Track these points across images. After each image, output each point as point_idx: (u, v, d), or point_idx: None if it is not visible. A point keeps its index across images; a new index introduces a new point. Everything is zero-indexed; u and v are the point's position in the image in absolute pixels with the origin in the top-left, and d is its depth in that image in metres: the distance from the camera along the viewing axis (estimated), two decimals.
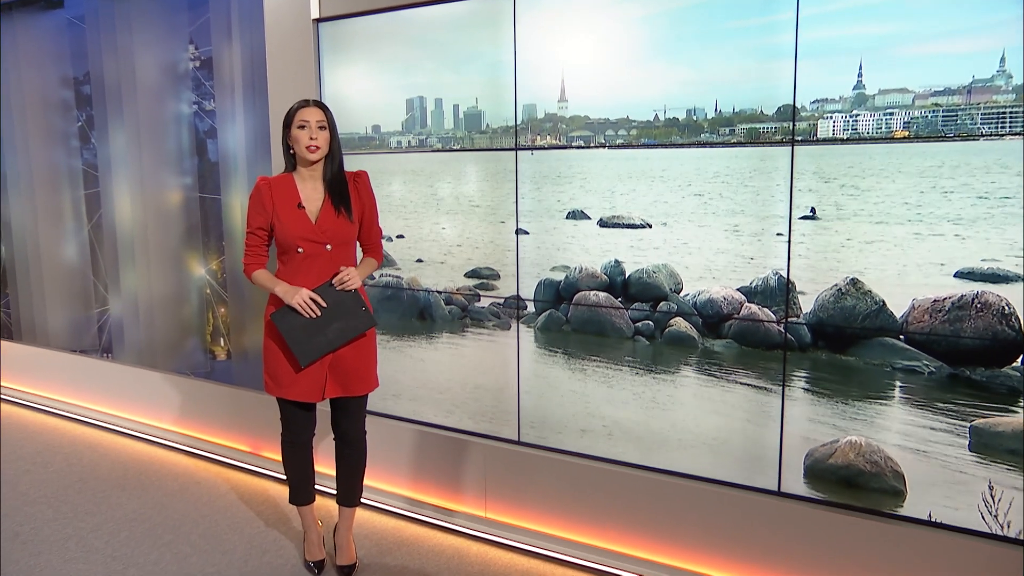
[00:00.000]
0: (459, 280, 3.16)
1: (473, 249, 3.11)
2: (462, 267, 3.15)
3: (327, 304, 2.54)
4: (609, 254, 2.79)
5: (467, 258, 3.13)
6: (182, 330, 4.43)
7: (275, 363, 2.63)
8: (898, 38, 2.24)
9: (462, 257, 3.14)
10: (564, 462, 2.96)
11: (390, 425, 3.38)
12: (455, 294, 3.17)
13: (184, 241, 4.33)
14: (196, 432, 4.20)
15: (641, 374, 2.78)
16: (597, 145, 2.81)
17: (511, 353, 3.06)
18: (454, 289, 3.17)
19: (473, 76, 3.00)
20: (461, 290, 3.15)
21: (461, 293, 3.15)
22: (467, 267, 3.13)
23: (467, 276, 3.14)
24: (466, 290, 3.14)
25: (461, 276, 3.15)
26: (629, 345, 2.80)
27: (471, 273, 3.13)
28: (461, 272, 3.15)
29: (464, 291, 3.14)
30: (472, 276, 3.12)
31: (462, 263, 3.14)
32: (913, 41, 2.23)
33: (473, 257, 3.11)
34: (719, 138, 2.58)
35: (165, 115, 4.28)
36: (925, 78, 2.24)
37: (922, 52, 2.22)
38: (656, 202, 2.70)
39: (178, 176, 4.31)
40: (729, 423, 2.64)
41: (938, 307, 2.27)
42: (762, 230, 2.51)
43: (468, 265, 3.13)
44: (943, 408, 2.29)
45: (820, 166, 2.41)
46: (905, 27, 2.23)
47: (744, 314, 2.57)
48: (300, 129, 2.53)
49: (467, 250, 3.13)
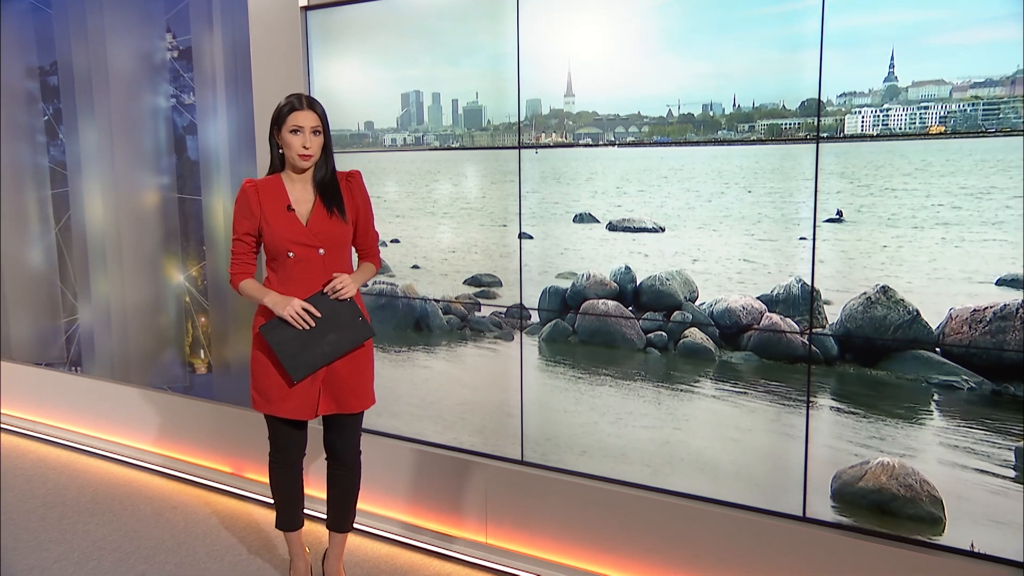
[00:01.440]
0: (458, 288, 3.21)
1: (473, 254, 3.16)
2: (461, 274, 3.19)
3: (321, 314, 2.58)
4: (619, 260, 2.82)
5: (467, 264, 3.18)
6: (158, 341, 4.47)
7: (264, 377, 2.66)
8: (934, 25, 2.23)
9: (461, 263, 3.19)
10: (570, 483, 3.00)
11: (386, 444, 3.42)
12: (454, 303, 3.21)
13: (161, 245, 4.38)
14: (173, 452, 4.24)
15: (653, 388, 2.81)
16: (606, 143, 2.84)
17: (514, 366, 3.11)
18: (453, 297, 3.22)
19: (473, 69, 3.04)
20: (460, 298, 3.20)
21: (460, 302, 3.20)
22: (467, 274, 3.18)
23: (467, 283, 3.19)
24: (466, 298, 3.19)
25: (460, 283, 3.20)
26: (640, 357, 2.82)
27: (471, 280, 3.17)
28: (460, 279, 3.20)
29: (464, 300, 3.19)
30: (472, 284, 3.17)
31: (461, 269, 3.19)
32: (951, 28, 2.21)
33: (473, 263, 3.16)
34: (737, 135, 2.60)
35: (140, 109, 4.33)
36: (964, 68, 2.23)
37: (961, 40, 2.20)
38: (669, 204, 2.72)
39: (154, 175, 4.36)
40: (749, 442, 2.66)
41: (978, 317, 2.27)
42: (784, 234, 2.53)
43: (468, 272, 3.18)
44: (985, 427, 2.30)
45: (847, 165, 2.43)
46: (942, 13, 2.22)
47: (765, 324, 2.59)
48: (293, 134, 2.56)
49: (467, 255, 3.18)
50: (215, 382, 4.28)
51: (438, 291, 3.26)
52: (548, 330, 3.02)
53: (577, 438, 3.00)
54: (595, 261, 2.87)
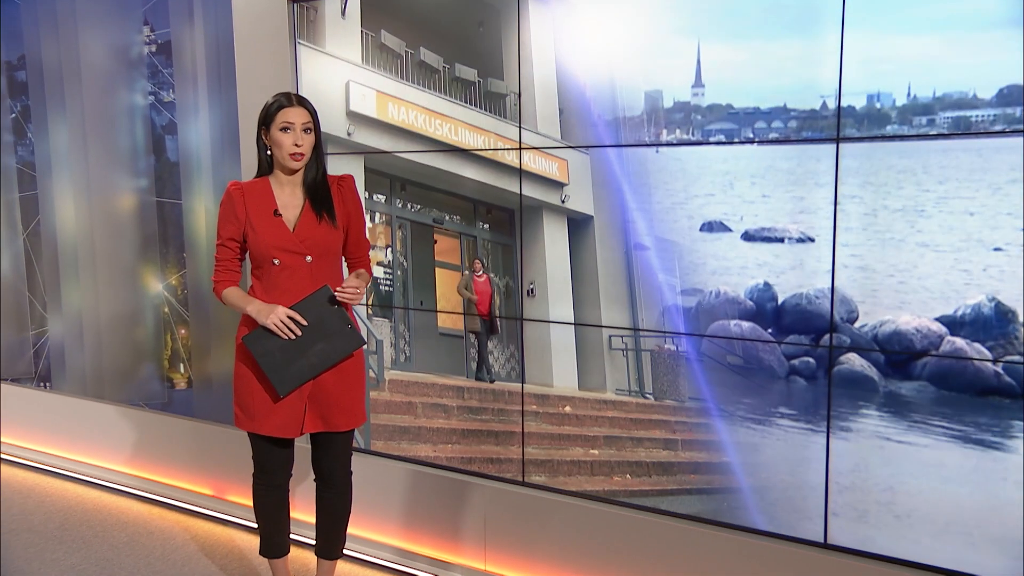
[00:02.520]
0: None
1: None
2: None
3: (308, 322, 2.60)
4: (756, 275, 2.68)
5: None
6: (135, 355, 4.49)
7: (247, 392, 2.68)
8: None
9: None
10: (575, 506, 3.02)
11: (378, 464, 3.44)
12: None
13: (138, 252, 4.40)
14: (150, 473, 4.26)
15: (798, 424, 2.66)
16: (743, 140, 2.66)
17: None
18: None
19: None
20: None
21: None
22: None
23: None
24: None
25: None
26: (782, 387, 2.68)
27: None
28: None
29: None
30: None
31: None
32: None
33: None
34: (912, 130, 2.38)
35: (115, 107, 4.36)
36: None
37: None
38: (821, 209, 2.54)
39: (131, 177, 4.38)
40: (930, 487, 2.48)
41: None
42: (971, 243, 2.32)
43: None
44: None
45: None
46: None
47: (946, 349, 2.41)
48: (283, 132, 2.58)
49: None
50: (196, 398, 4.29)
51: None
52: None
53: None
54: (727, 276, 2.72)
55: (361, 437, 3.58)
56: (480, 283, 3.35)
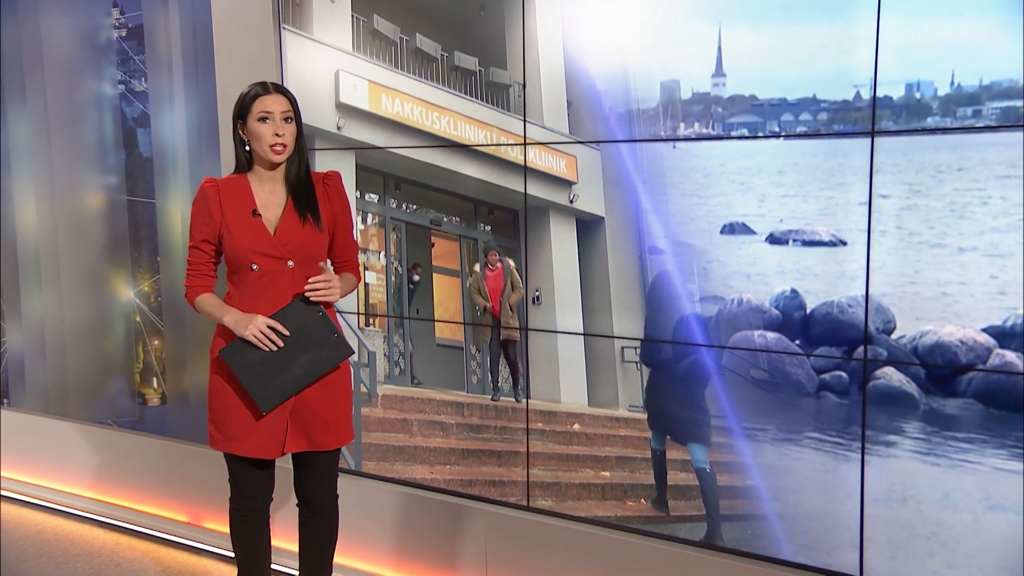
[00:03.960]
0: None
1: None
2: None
3: (290, 332, 2.61)
4: (782, 281, 2.68)
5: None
6: (103, 368, 4.49)
7: (223, 410, 2.69)
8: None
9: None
10: (585, 533, 3.03)
11: (367, 486, 3.45)
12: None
13: (107, 256, 4.41)
14: (118, 498, 4.25)
15: (829, 445, 2.65)
16: (768, 135, 2.66)
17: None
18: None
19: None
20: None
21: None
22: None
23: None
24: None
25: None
26: (811, 403, 2.68)
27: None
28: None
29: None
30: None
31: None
32: None
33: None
34: (956, 122, 2.36)
35: (82, 97, 4.38)
36: None
37: None
38: (854, 210, 2.54)
39: (99, 174, 4.40)
40: (977, 515, 2.44)
41: None
42: (1021, 247, 2.32)
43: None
44: None
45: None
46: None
47: (994, 363, 2.39)
48: (262, 123, 2.58)
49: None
50: (170, 416, 4.30)
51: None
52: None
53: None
54: (750, 282, 2.72)
55: (351, 457, 3.59)
56: (492, 276, 3.31)
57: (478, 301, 3.34)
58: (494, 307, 3.30)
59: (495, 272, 3.30)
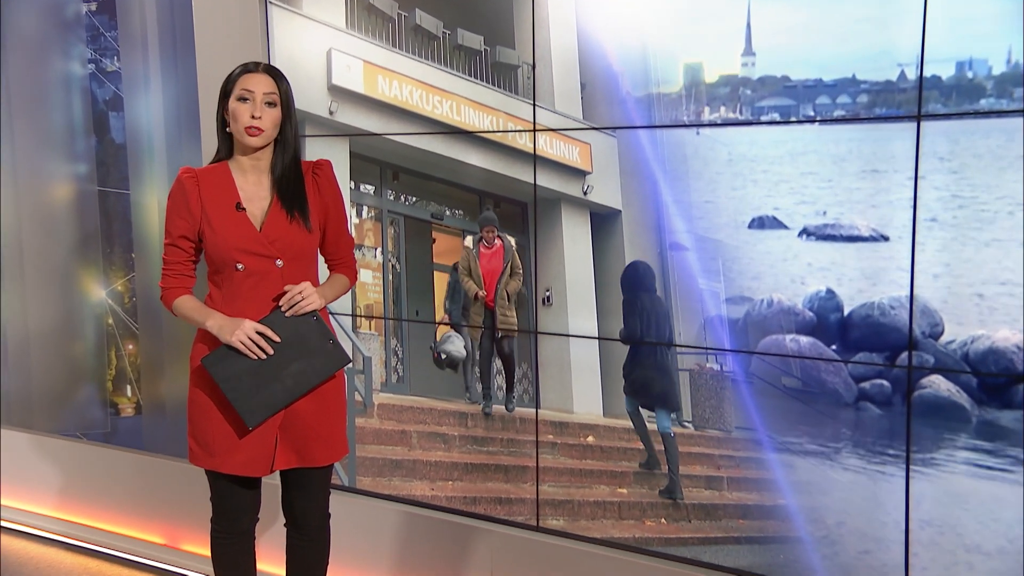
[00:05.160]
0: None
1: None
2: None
3: (281, 339, 2.59)
4: (817, 280, 2.67)
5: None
6: (71, 375, 4.49)
7: (205, 423, 2.68)
8: None
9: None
10: (601, 556, 3.03)
11: (364, 505, 3.45)
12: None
13: (76, 253, 4.41)
14: (87, 518, 4.25)
15: (870, 461, 2.65)
16: (802, 119, 2.66)
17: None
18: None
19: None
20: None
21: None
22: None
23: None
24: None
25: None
26: (849, 415, 2.68)
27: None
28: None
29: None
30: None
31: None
32: None
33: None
34: (1012, 104, 2.33)
35: (47, 78, 4.37)
36: None
37: None
38: (897, 202, 2.52)
39: (67, 162, 4.39)
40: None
41: None
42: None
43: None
44: None
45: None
46: None
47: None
48: (241, 102, 2.57)
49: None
50: (145, 427, 4.30)
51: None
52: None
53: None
54: (781, 281, 2.73)
55: (344, 473, 3.59)
56: (488, 255, 3.25)
57: (468, 287, 3.30)
58: (488, 295, 3.26)
59: (492, 250, 3.25)
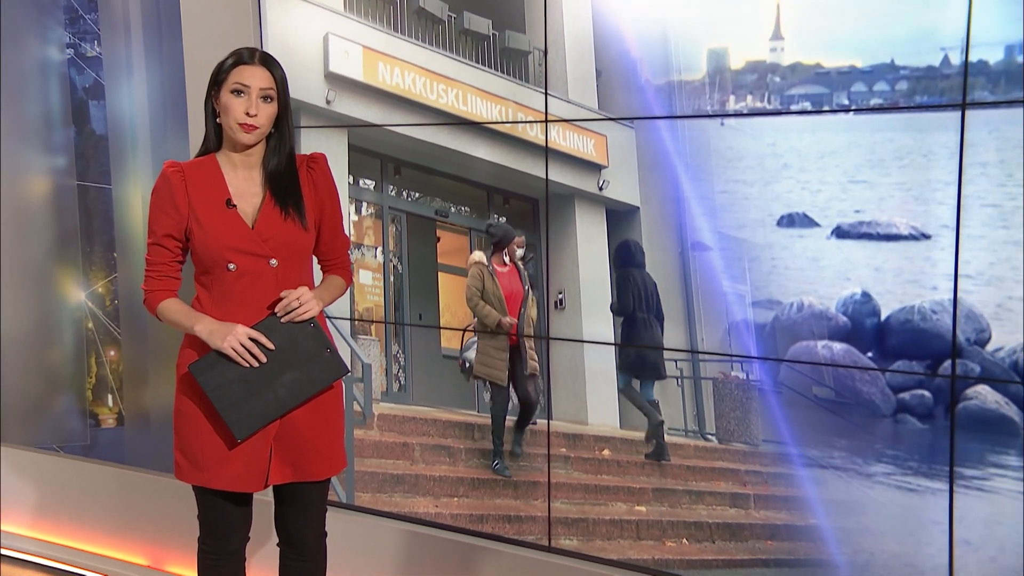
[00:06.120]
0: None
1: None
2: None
3: (275, 345, 2.59)
4: (852, 282, 2.68)
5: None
6: (47, 383, 4.50)
7: (193, 436, 2.67)
8: None
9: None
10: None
11: (363, 523, 3.46)
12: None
13: (54, 252, 4.42)
14: (65, 538, 4.25)
15: (910, 478, 2.64)
16: (836, 108, 2.66)
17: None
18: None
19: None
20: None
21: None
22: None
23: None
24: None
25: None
26: (887, 428, 2.68)
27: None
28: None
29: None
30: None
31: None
32: None
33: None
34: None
35: (21, 64, 4.37)
36: None
37: None
38: (939, 197, 2.51)
39: (44, 155, 4.40)
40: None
41: None
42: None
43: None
44: None
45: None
46: None
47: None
48: (235, 95, 2.56)
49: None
50: (127, 439, 4.32)
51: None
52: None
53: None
54: (812, 284, 2.74)
55: (342, 488, 3.59)
56: (506, 275, 3.23)
57: (487, 314, 3.30)
58: (513, 325, 3.27)
59: (506, 268, 3.27)
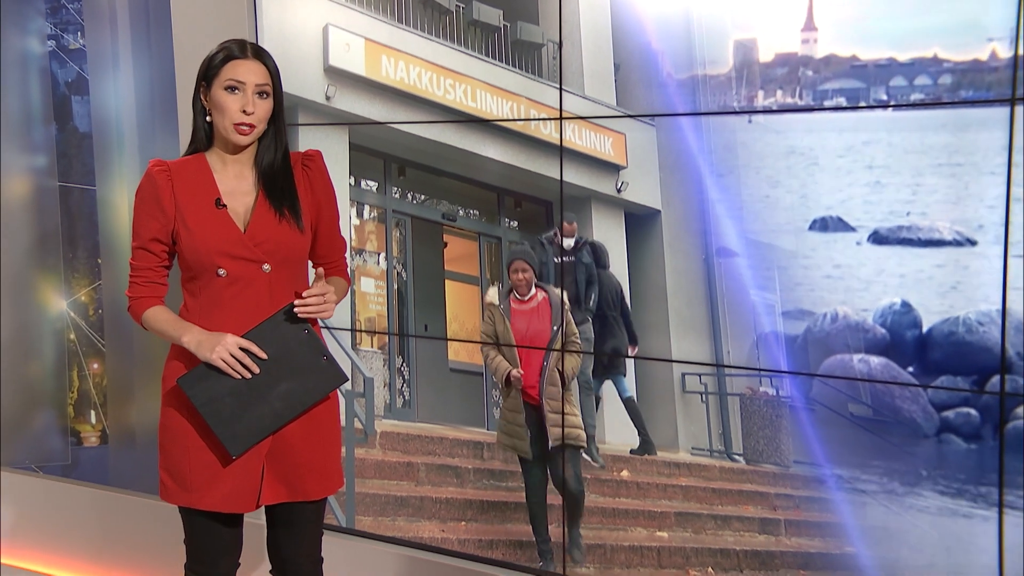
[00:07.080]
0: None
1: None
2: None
3: (268, 355, 2.59)
4: (890, 292, 2.68)
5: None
6: (26, 399, 4.51)
7: (180, 453, 2.67)
8: None
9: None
10: None
11: (364, 548, 3.46)
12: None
13: (33, 258, 4.44)
14: (43, 564, 4.26)
15: (954, 502, 2.63)
16: (873, 104, 2.66)
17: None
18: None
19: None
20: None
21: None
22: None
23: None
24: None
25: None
26: (930, 448, 2.67)
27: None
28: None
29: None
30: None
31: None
32: None
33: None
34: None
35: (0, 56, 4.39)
36: None
37: None
38: (986, 200, 2.50)
39: (23, 154, 4.41)
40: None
41: None
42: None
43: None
44: None
45: None
46: None
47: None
48: (229, 92, 2.55)
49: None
50: (112, 459, 4.33)
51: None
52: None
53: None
54: (848, 292, 2.74)
55: (341, 511, 3.60)
56: (523, 314, 3.18)
57: (497, 366, 3.30)
58: (528, 378, 3.23)
59: (530, 305, 3.26)
